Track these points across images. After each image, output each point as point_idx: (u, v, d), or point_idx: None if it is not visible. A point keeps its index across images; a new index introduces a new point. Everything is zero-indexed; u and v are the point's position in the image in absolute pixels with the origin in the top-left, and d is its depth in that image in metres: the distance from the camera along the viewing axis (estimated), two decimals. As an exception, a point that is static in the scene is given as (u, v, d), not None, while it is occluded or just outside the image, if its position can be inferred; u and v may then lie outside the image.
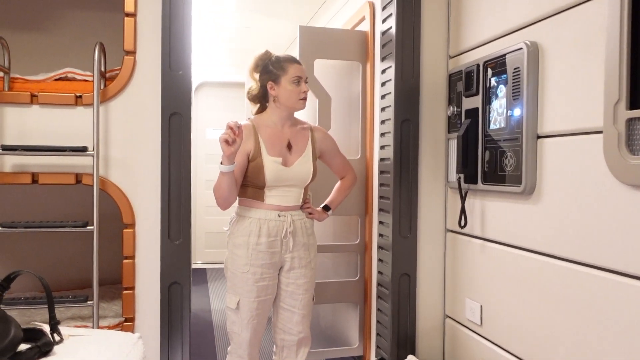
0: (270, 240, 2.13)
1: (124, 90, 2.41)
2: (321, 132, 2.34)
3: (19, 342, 1.36)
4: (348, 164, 2.44)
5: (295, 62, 2.20)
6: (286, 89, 2.17)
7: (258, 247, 2.12)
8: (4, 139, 2.32)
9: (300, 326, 2.24)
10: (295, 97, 2.17)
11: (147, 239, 2.43)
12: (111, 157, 2.41)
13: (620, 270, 1.50)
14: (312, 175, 2.21)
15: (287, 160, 2.17)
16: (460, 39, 2.42)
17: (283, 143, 2.19)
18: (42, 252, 3.28)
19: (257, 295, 2.13)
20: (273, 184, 2.13)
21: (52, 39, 3.32)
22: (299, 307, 2.22)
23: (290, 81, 2.16)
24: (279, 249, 2.16)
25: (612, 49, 1.46)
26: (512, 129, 1.96)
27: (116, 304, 2.82)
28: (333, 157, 2.37)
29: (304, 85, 2.19)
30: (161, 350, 2.43)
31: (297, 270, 2.21)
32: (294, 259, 2.19)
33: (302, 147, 2.23)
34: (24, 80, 2.43)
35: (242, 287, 2.13)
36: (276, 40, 4.80)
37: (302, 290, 2.22)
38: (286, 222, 2.15)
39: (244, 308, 2.13)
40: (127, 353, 1.52)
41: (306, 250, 2.23)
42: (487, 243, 2.20)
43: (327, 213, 2.38)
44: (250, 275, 2.12)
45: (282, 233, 2.15)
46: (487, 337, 2.19)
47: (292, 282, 2.21)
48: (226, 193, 2.05)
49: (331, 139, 2.37)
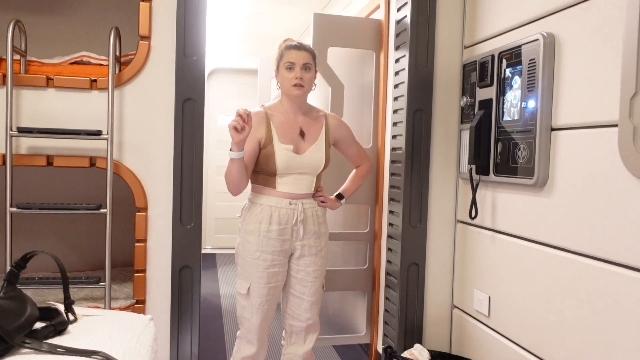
0: (281, 227, 2.14)
1: (138, 74, 2.42)
2: (336, 120, 2.32)
3: (34, 320, 1.39)
4: (364, 153, 2.42)
5: (293, 47, 2.14)
6: (282, 75, 2.15)
7: (269, 234, 2.13)
8: (20, 121, 2.35)
9: (308, 313, 2.25)
10: (288, 84, 2.12)
11: (159, 223, 2.46)
12: (125, 141, 2.43)
13: (632, 265, 1.50)
14: (324, 163, 2.19)
15: (299, 147, 2.16)
16: (475, 29, 2.40)
17: (295, 131, 2.18)
18: (55, 234, 3.33)
19: (267, 282, 2.15)
20: (284, 171, 2.12)
21: (68, 22, 3.34)
22: (308, 294, 2.24)
23: (284, 67, 2.13)
24: (289, 236, 2.16)
25: (629, 41, 1.45)
26: (525, 121, 1.95)
27: (127, 286, 2.86)
28: (348, 145, 2.35)
29: (297, 71, 2.11)
30: (171, 333, 2.46)
31: (307, 258, 2.21)
32: (304, 246, 2.19)
33: (315, 134, 2.21)
34: (40, 63, 2.45)
35: (253, 273, 2.15)
36: (290, 28, 4.79)
37: (312, 278, 2.23)
38: (297, 210, 2.15)
39: (254, 294, 2.15)
40: (140, 334, 1.54)
41: (317, 239, 2.22)
42: (497, 235, 2.20)
43: (341, 202, 2.36)
44: (261, 262, 2.13)
45: (292, 221, 2.15)
46: (495, 329, 2.20)
47: (302, 269, 2.22)
48: (236, 179, 2.06)
49: (346, 126, 2.35)
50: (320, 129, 2.23)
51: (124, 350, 1.40)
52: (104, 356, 1.29)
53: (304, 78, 2.12)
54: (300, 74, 2.11)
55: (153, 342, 1.62)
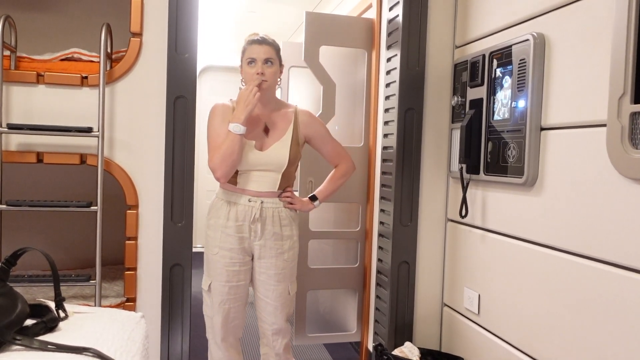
0: (238, 224, 2.08)
1: (129, 71, 2.41)
2: (307, 116, 2.20)
3: (25, 317, 1.38)
4: (342, 151, 2.29)
5: (255, 42, 2.08)
6: (245, 70, 2.10)
7: (227, 230, 2.08)
8: (10, 117, 2.33)
9: (272, 317, 2.18)
10: (250, 79, 2.05)
11: (150, 221, 2.45)
12: (116, 139, 2.42)
13: (620, 263, 1.52)
14: (288, 160, 2.09)
15: (263, 144, 2.10)
16: (466, 29, 2.42)
17: (259, 126, 2.12)
18: (46, 232, 3.31)
19: (227, 280, 2.10)
20: (245, 167, 2.06)
21: (59, 18, 3.32)
22: (271, 298, 2.16)
23: (246, 62, 2.08)
24: (247, 234, 2.09)
25: (618, 42, 1.46)
26: (515, 120, 1.97)
27: (117, 284, 2.85)
28: (323, 143, 2.24)
29: (258, 67, 2.04)
30: (162, 330, 2.46)
31: (267, 260, 2.13)
32: (263, 247, 2.11)
33: (281, 131, 2.13)
34: (30, 59, 2.43)
35: (214, 269, 2.12)
36: (282, 26, 4.79)
37: (274, 281, 2.15)
38: (254, 208, 2.08)
39: (215, 291, 2.12)
40: (131, 331, 1.54)
41: (278, 241, 2.12)
42: (487, 233, 2.21)
43: (314, 204, 2.24)
44: (220, 258, 2.10)
45: (250, 218, 2.08)
46: (484, 326, 2.22)
47: (264, 271, 2.15)
48: (237, 158, 2.00)
49: (319, 123, 2.25)
50: (287, 125, 2.14)
51: (115, 347, 1.39)
52: (95, 353, 1.28)
53: (265, 73, 2.05)
54: (261, 69, 2.05)
55: (144, 339, 1.62)
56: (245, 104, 2.00)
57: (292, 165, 2.14)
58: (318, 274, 2.98)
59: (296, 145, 2.13)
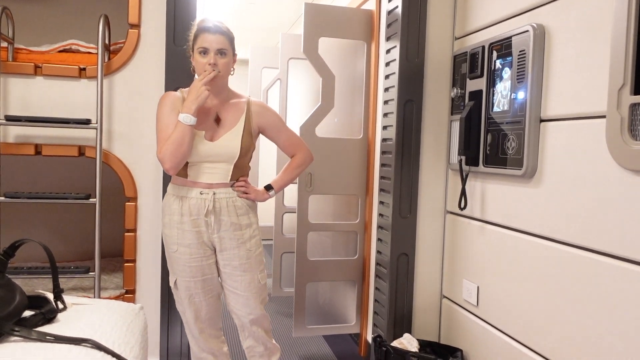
0: (193, 219, 2.02)
1: (128, 63, 2.41)
2: (259, 107, 2.15)
3: (23, 308, 1.38)
4: (298, 141, 2.24)
5: (207, 31, 1.98)
6: (196, 59, 2.01)
7: (183, 226, 2.03)
8: (7, 109, 2.32)
9: (246, 308, 2.13)
10: (201, 69, 1.98)
11: (149, 213, 2.45)
12: (114, 131, 2.41)
13: (619, 255, 1.52)
14: (239, 150, 2.04)
15: (214, 134, 2.04)
16: (466, 20, 2.41)
17: (210, 116, 2.05)
18: (44, 224, 3.31)
19: (191, 275, 2.06)
20: (196, 159, 2.00)
21: (57, 10, 3.30)
22: (241, 289, 2.11)
23: (197, 51, 1.99)
24: (204, 228, 2.03)
25: (618, 33, 1.46)
26: (515, 112, 1.96)
27: (117, 277, 2.86)
28: (277, 133, 2.19)
29: (210, 57, 1.96)
30: (161, 322, 2.47)
31: (229, 252, 2.08)
32: (222, 239, 2.06)
33: (232, 121, 2.07)
34: (28, 51, 2.43)
35: (176, 266, 2.08)
36: (281, 17, 4.77)
37: (240, 272, 2.09)
38: (207, 200, 2.01)
39: (181, 287, 2.08)
40: (130, 322, 1.54)
41: (237, 231, 2.07)
42: (486, 225, 2.21)
43: (269, 193, 2.18)
44: (180, 255, 2.05)
45: (203, 211, 2.02)
46: (483, 318, 2.22)
47: (227, 263, 2.10)
48: (187, 150, 1.93)
49: (272, 113, 2.20)
50: (239, 116, 2.09)
51: (114, 339, 1.40)
52: (93, 344, 1.29)
53: (218, 64, 1.98)
54: (214, 60, 1.97)
55: (143, 331, 1.63)
56: (196, 95, 1.93)
57: (245, 156, 2.09)
58: (317, 266, 2.98)
59: (248, 135, 2.08)
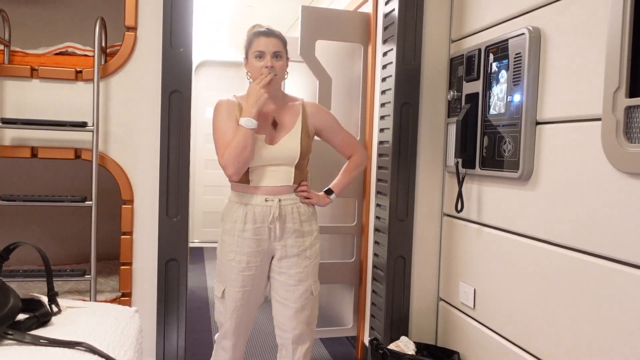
0: (256, 227, 1.99)
1: (124, 66, 2.40)
2: (314, 107, 2.15)
3: (17, 311, 1.37)
4: (354, 142, 2.23)
5: (262, 34, 2.00)
6: (252, 64, 2.02)
7: (244, 234, 2.00)
8: (3, 112, 2.32)
9: (294, 322, 2.05)
10: (258, 73, 1.98)
11: (146, 216, 2.45)
12: (111, 133, 2.41)
13: (615, 258, 1.52)
14: (300, 152, 2.02)
15: (272, 138, 2.03)
16: (462, 23, 2.41)
17: (267, 120, 2.04)
18: (40, 227, 3.30)
19: (242, 285, 2.02)
20: (258, 163, 1.99)
21: (53, 12, 3.30)
22: (292, 300, 2.04)
23: (253, 55, 2.00)
24: (266, 236, 2.00)
25: (613, 36, 1.46)
26: (511, 115, 1.96)
27: (113, 279, 2.85)
28: (333, 133, 2.17)
29: (267, 60, 1.97)
30: (157, 325, 2.46)
31: (289, 259, 2.04)
32: (285, 247, 2.03)
33: (290, 124, 2.06)
34: (24, 53, 2.42)
35: (228, 275, 2.04)
36: (278, 20, 4.76)
37: (295, 281, 2.04)
38: (273, 207, 1.99)
39: (229, 297, 2.03)
40: (124, 325, 1.53)
41: (299, 238, 2.04)
42: (483, 228, 2.21)
43: (330, 197, 2.17)
44: (236, 264, 2.01)
45: (268, 219, 1.99)
46: (480, 321, 2.22)
47: (284, 271, 2.05)
48: (249, 154, 1.92)
49: (327, 113, 2.19)
50: (296, 118, 2.07)
51: (108, 342, 1.39)
52: (87, 347, 1.28)
53: (275, 67, 1.99)
54: (271, 63, 1.98)
55: (138, 334, 1.62)
56: (256, 98, 1.94)
57: (305, 158, 2.08)
58: (314, 268, 2.98)
59: (306, 136, 2.07)
